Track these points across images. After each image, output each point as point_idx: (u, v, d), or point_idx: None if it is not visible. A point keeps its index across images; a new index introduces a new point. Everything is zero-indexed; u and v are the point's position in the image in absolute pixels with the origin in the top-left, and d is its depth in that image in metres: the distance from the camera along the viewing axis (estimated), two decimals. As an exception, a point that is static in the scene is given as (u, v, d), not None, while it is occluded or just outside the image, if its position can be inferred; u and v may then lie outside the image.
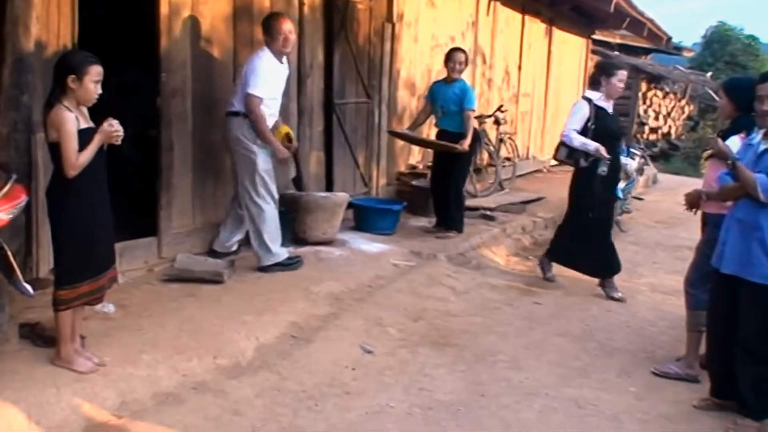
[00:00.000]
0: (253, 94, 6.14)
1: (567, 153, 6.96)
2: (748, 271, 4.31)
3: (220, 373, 4.58)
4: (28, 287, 4.01)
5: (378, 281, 6.61)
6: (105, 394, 4.09)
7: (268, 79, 6.22)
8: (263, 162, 6.29)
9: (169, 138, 6.26)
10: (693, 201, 5.07)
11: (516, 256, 8.72)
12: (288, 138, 6.65)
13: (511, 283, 7.26)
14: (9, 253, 3.90)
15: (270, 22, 6.35)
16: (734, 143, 4.72)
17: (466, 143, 7.91)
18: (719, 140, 4.59)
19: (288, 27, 6.31)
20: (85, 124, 4.07)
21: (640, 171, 11.17)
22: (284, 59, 6.47)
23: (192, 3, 6.31)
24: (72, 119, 3.95)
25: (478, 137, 9.08)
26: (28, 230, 4.88)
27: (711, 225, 4.99)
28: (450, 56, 8.24)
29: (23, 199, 3.95)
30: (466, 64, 8.30)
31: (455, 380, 4.91)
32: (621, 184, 10.11)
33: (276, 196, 6.42)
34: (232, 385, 4.46)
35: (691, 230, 9.82)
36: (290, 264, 6.48)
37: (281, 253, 6.44)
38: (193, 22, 6.35)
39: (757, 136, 4.45)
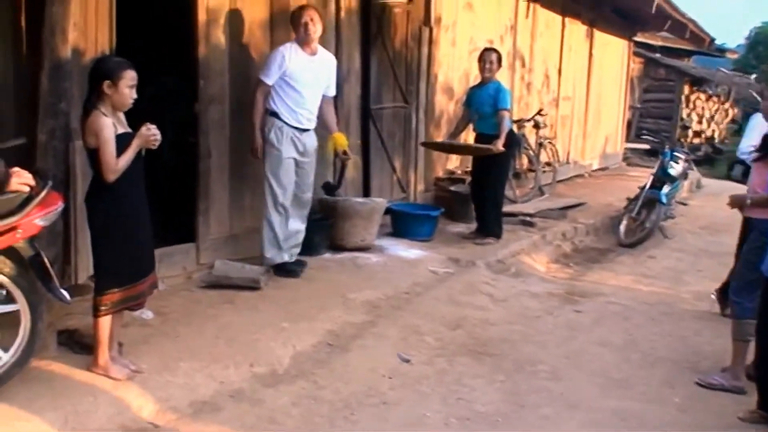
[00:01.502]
0: (258, 76, 6.23)
1: (743, 171, 6.61)
2: None
3: (257, 381, 4.56)
4: (66, 294, 4.02)
5: (416, 288, 6.55)
6: (141, 401, 4.09)
7: (273, 64, 6.18)
8: (276, 164, 6.26)
9: (207, 145, 6.27)
10: (738, 204, 4.96)
11: (556, 263, 8.61)
12: (339, 148, 6.70)
13: (551, 291, 7.14)
14: (46, 260, 3.92)
15: (294, 15, 6.37)
16: None
17: (499, 143, 7.82)
18: None
19: (308, 15, 6.26)
20: (122, 129, 4.08)
21: (684, 175, 10.93)
22: (319, 52, 6.42)
23: (229, 9, 6.31)
24: (109, 124, 3.96)
25: (517, 141, 8.99)
26: (66, 237, 4.90)
27: (758, 231, 4.85)
28: (482, 56, 8.21)
29: (59, 205, 3.96)
30: (499, 64, 8.21)
31: (494, 390, 4.83)
32: (665, 189, 10.02)
33: (281, 200, 6.30)
34: (269, 394, 4.44)
35: (736, 236, 9.69)
36: (287, 271, 6.41)
37: (273, 257, 6.38)
38: (231, 28, 6.36)
39: None
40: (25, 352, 3.94)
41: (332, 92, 6.65)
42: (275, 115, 6.26)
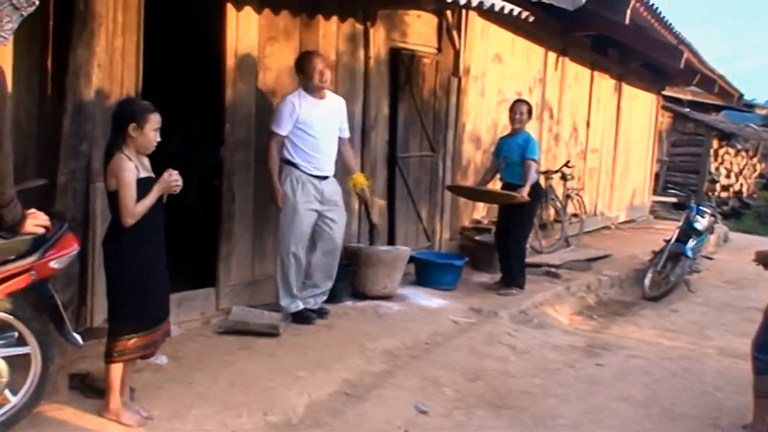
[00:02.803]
0: (271, 128, 6.22)
1: None
2: None
3: (270, 429, 4.49)
4: (78, 338, 4.00)
5: (436, 338, 6.47)
6: (151, 448, 4.04)
7: (285, 114, 6.17)
8: (291, 214, 6.24)
9: (231, 188, 6.28)
10: (764, 260, 4.86)
11: (580, 315, 8.51)
12: (358, 187, 6.70)
13: (573, 344, 7.03)
14: (59, 303, 3.90)
15: (303, 62, 6.30)
16: None
17: (524, 191, 7.78)
18: None
19: (321, 61, 6.25)
20: (145, 173, 4.08)
21: (710, 229, 10.86)
22: (330, 96, 6.43)
23: (258, 55, 6.37)
24: (131, 168, 3.97)
25: (542, 192, 8.95)
26: (82, 279, 4.90)
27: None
28: (513, 107, 8.29)
29: (74, 248, 3.95)
30: (529, 115, 8.27)
31: (512, 445, 4.74)
32: (690, 243, 9.93)
33: (293, 250, 6.27)
34: (282, 443, 4.38)
35: (761, 291, 9.57)
36: (303, 318, 6.35)
37: (288, 306, 6.34)
38: (259, 74, 6.41)
39: None
40: (35, 395, 3.91)
41: (346, 134, 6.63)
42: (291, 164, 6.26)
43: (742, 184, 22.14)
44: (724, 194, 20.97)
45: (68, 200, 4.60)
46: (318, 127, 6.28)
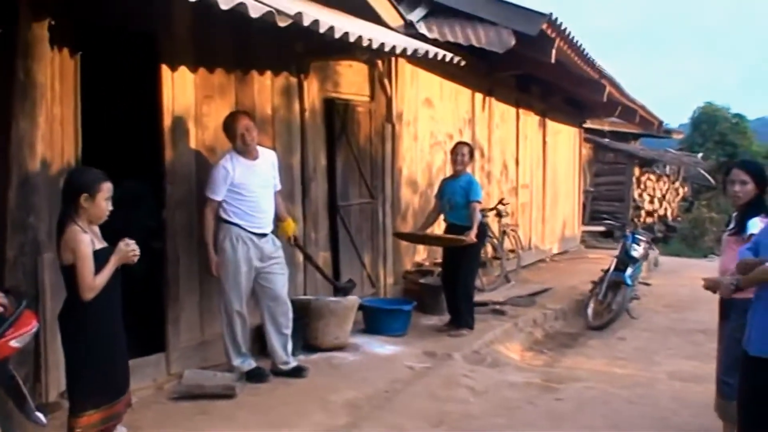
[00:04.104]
0: (206, 195, 6.16)
1: None
2: None
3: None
4: (41, 416, 3.87)
5: (395, 385, 6.43)
6: None
7: (219, 180, 6.10)
8: (232, 272, 6.18)
9: (175, 250, 6.18)
10: (715, 288, 4.95)
11: (530, 350, 8.57)
12: (290, 234, 6.73)
13: (529, 380, 7.06)
14: (20, 382, 3.77)
15: (227, 125, 6.27)
16: (756, 225, 4.68)
17: (472, 234, 7.87)
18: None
19: (243, 124, 6.18)
20: (100, 244, 3.99)
21: (645, 256, 11.11)
22: (262, 152, 6.38)
23: (195, 114, 6.32)
24: (87, 241, 3.87)
25: (486, 231, 9.04)
26: (36, 355, 4.74)
27: (741, 309, 4.81)
28: (454, 149, 8.42)
29: (34, 325, 3.83)
30: (471, 156, 8.43)
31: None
32: (629, 271, 10.13)
33: (237, 308, 6.20)
34: None
35: (700, 313, 9.79)
36: (257, 376, 6.28)
37: (240, 365, 6.27)
38: (197, 132, 6.35)
39: None
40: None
41: (278, 187, 6.58)
42: (230, 223, 6.18)
43: (666, 209, 22.71)
44: (649, 219, 21.46)
45: (18, 275, 4.47)
46: (255, 188, 6.25)
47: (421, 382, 6.59)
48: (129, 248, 3.99)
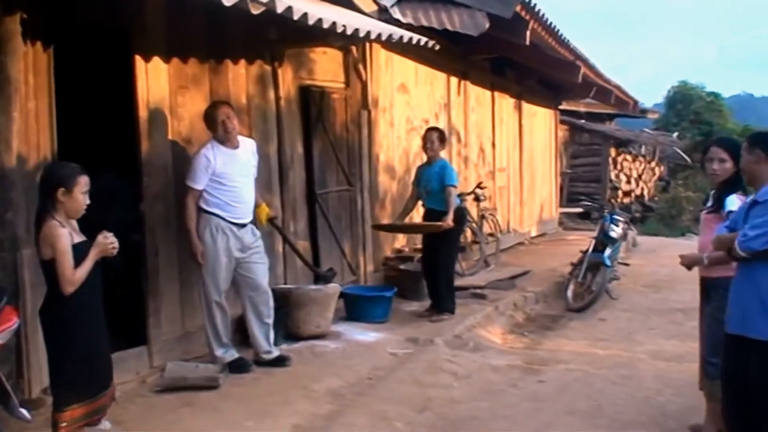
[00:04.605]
0: (186, 184, 6.12)
1: None
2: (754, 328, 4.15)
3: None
4: (25, 412, 3.85)
5: (377, 372, 6.44)
6: None
7: (200, 169, 6.08)
8: (211, 263, 6.17)
9: (154, 243, 6.15)
10: (692, 264, 4.99)
11: (511, 333, 8.61)
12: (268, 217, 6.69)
13: (511, 363, 7.09)
14: (3, 379, 3.75)
15: (207, 114, 6.27)
16: (733, 202, 4.70)
17: (448, 219, 7.89)
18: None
19: (224, 112, 6.18)
20: (78, 238, 3.98)
21: (623, 237, 11.17)
22: (242, 141, 6.37)
23: (170, 105, 6.27)
24: (66, 235, 3.85)
25: (464, 215, 9.05)
26: (18, 351, 4.70)
27: (722, 288, 4.82)
28: (424, 136, 8.45)
29: (15, 321, 3.81)
30: (441, 141, 8.39)
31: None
32: (607, 251, 10.18)
33: (216, 299, 6.19)
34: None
35: (680, 292, 9.86)
36: (240, 367, 6.26)
37: (222, 356, 6.25)
38: (173, 123, 6.30)
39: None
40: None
41: (255, 174, 6.56)
42: (210, 213, 6.16)
43: (642, 189, 22.86)
44: (626, 200, 21.59)
45: (-2, 271, 4.44)
46: (236, 177, 6.23)
47: (404, 368, 6.59)
48: (108, 241, 3.98)
